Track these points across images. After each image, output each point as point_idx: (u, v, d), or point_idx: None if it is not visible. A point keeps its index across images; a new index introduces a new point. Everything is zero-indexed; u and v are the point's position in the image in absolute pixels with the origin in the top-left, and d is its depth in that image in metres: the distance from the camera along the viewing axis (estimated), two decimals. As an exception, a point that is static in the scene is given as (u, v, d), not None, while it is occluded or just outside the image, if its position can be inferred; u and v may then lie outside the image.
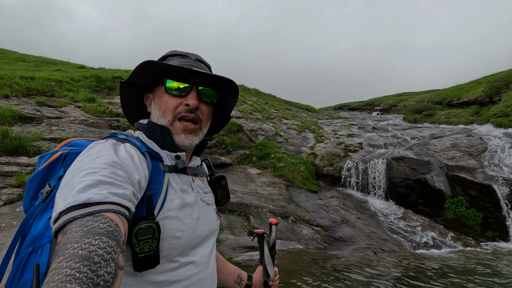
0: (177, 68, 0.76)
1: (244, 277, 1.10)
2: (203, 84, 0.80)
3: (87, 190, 0.51)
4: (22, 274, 0.60)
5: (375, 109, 30.62)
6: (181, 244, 0.69)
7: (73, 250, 0.42)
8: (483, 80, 18.62)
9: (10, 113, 5.81)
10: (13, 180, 4.11)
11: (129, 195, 0.57)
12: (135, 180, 0.61)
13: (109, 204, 0.52)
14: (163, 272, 0.66)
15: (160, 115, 0.79)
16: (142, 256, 0.59)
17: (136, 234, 0.58)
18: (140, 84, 0.83)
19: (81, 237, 0.45)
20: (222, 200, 1.00)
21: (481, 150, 8.79)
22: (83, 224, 0.47)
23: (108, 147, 0.64)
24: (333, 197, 8.26)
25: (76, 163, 0.61)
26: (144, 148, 0.71)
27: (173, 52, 0.86)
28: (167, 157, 0.76)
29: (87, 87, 10.12)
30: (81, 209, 0.50)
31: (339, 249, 5.85)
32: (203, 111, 0.82)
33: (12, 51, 18.94)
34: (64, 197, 0.52)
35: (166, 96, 0.79)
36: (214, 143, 9.33)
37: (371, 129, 14.09)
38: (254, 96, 20.39)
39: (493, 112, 12.68)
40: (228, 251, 5.01)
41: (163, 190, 0.68)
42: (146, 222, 0.59)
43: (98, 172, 0.55)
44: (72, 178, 0.55)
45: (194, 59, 0.84)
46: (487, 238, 6.77)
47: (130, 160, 0.64)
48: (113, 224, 0.50)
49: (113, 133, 0.74)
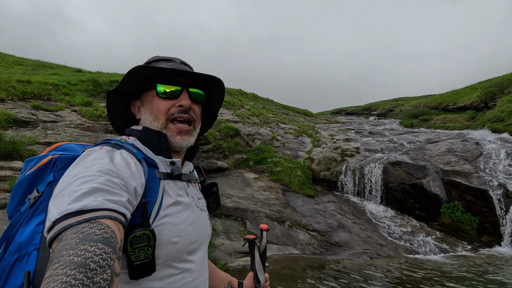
0: (166, 71, 0.77)
1: (234, 284, 1.10)
2: (191, 85, 0.82)
3: (83, 198, 0.51)
4: (5, 282, 0.59)
5: (372, 113, 30.79)
6: (178, 249, 0.68)
7: (68, 257, 0.42)
8: (478, 86, 18.82)
9: (5, 117, 5.78)
10: (6, 185, 4.07)
11: (124, 202, 0.56)
12: (131, 188, 0.61)
13: (105, 211, 0.51)
14: (159, 279, 0.65)
15: (153, 119, 0.79)
16: (137, 264, 0.59)
17: (131, 242, 0.58)
18: (126, 92, 0.83)
19: (77, 244, 0.44)
20: (213, 207, 1.01)
21: (476, 155, 8.85)
22: (78, 231, 0.47)
23: (103, 154, 0.64)
24: (330, 201, 8.25)
25: (71, 171, 0.60)
26: (140, 155, 0.71)
27: (156, 58, 0.86)
28: (162, 164, 0.76)
29: (84, 91, 10.10)
30: (76, 216, 0.49)
31: (336, 254, 5.83)
32: (196, 111, 0.84)
33: (9, 54, 18.89)
34: (59, 206, 0.51)
35: (157, 100, 0.79)
36: (211, 147, 9.31)
37: (368, 133, 14.15)
38: (252, 100, 20.44)
39: (488, 117, 12.80)
40: (224, 256, 4.98)
41: (159, 197, 0.68)
42: (141, 229, 0.59)
43: (94, 180, 0.55)
44: (67, 187, 0.55)
45: (179, 62, 0.85)
46: (483, 243, 6.78)
47: (126, 167, 0.63)
48: (109, 230, 0.49)
49: (107, 139, 0.73)
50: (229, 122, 11.52)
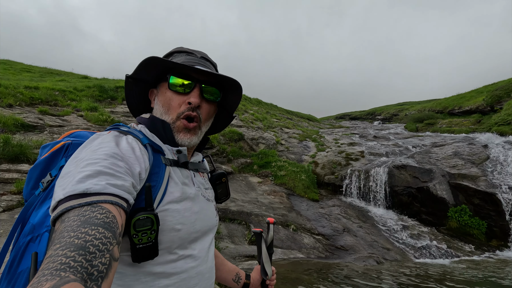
0: (178, 66, 0.76)
1: (242, 276, 1.10)
2: (206, 82, 0.80)
3: (86, 180, 0.52)
4: (19, 262, 0.60)
5: (377, 118, 30.67)
6: (181, 237, 0.68)
7: (69, 238, 0.43)
8: (483, 89, 18.69)
9: (13, 121, 5.88)
10: (13, 187, 4.11)
11: (128, 187, 0.57)
12: (136, 172, 0.61)
13: (108, 195, 0.52)
14: (161, 263, 0.66)
15: (164, 112, 0.79)
16: (140, 247, 0.59)
17: (135, 225, 0.58)
18: (144, 79, 0.83)
19: (78, 227, 0.45)
20: (222, 197, 1.00)
21: (483, 158, 8.74)
22: (80, 214, 0.48)
23: (109, 138, 0.65)
24: (335, 205, 8.18)
25: (77, 153, 0.61)
26: (146, 141, 0.71)
27: (179, 49, 0.86)
28: (169, 151, 0.76)
29: (90, 97, 10.25)
30: (79, 198, 0.50)
31: (341, 258, 5.75)
32: (204, 109, 0.81)
33: (17, 62, 19.29)
34: (64, 187, 0.52)
35: (169, 93, 0.79)
36: (215, 151, 9.33)
37: (372, 138, 14.07)
38: (256, 105, 20.51)
39: (495, 120, 12.67)
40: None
41: (164, 183, 0.68)
42: (145, 213, 0.59)
43: (98, 163, 0.55)
44: (73, 169, 0.56)
45: (199, 57, 0.84)
46: (492, 247, 6.64)
47: (131, 152, 0.64)
48: (110, 215, 0.50)
49: (116, 125, 0.74)
50: (233, 127, 11.57)
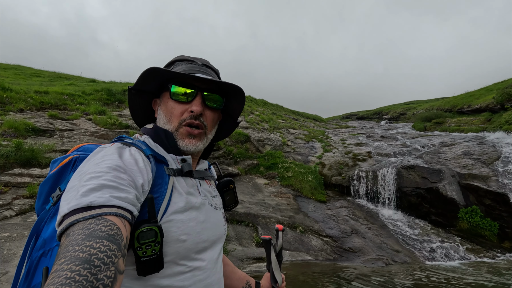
0: (179, 75, 0.76)
1: (252, 284, 1.10)
2: (208, 89, 0.80)
3: (90, 194, 0.52)
4: (33, 277, 0.61)
5: (383, 118, 30.36)
6: (186, 248, 0.68)
7: (74, 252, 0.43)
8: (493, 87, 18.34)
9: (24, 126, 6.00)
10: (25, 191, 4.20)
11: (132, 199, 0.57)
12: (139, 184, 0.61)
13: (112, 208, 0.52)
14: (168, 276, 0.65)
15: (167, 121, 0.79)
16: (145, 260, 0.59)
17: (138, 237, 0.58)
18: (147, 89, 0.83)
19: (83, 240, 0.45)
20: (230, 205, 0.99)
21: (494, 157, 8.56)
22: (85, 227, 0.48)
23: (112, 151, 0.65)
24: (342, 207, 8.12)
25: (82, 167, 0.62)
26: (149, 152, 0.71)
27: (180, 57, 0.86)
28: (173, 161, 0.76)
29: (98, 100, 10.39)
30: (83, 212, 0.50)
31: (349, 260, 5.71)
32: (208, 117, 0.81)
33: (27, 67, 19.65)
34: (68, 201, 0.53)
35: (171, 102, 0.79)
36: (221, 153, 9.36)
37: (380, 138, 13.92)
38: (261, 106, 20.51)
39: (505, 119, 12.42)
40: (236, 262, 4.95)
41: (168, 193, 0.67)
42: (148, 225, 0.59)
43: (101, 176, 0.56)
44: (77, 183, 0.56)
45: (200, 64, 0.83)
46: (504, 249, 6.50)
47: (134, 164, 0.64)
48: (115, 227, 0.50)
49: (119, 137, 0.75)
50: (239, 128, 11.58)
